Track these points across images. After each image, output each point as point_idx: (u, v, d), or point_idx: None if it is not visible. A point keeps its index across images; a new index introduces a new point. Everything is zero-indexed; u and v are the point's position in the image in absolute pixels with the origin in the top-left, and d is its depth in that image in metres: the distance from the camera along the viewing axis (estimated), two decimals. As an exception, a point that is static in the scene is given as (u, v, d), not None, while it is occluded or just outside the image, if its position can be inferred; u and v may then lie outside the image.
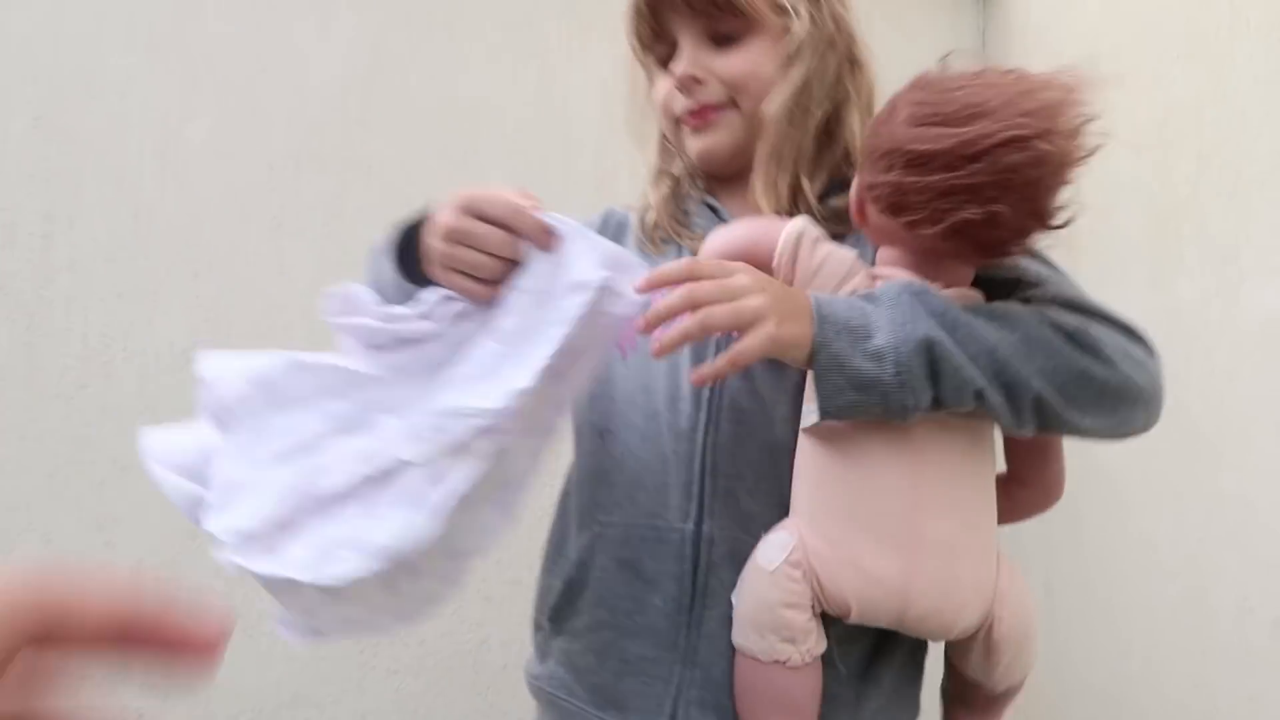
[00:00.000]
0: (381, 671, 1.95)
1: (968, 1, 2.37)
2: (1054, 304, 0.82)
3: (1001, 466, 0.89)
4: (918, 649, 0.89)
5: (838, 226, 0.87)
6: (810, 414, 0.79)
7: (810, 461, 0.81)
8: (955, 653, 0.86)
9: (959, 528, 0.79)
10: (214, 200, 1.96)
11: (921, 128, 0.76)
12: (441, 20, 2.11)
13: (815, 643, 0.80)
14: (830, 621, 0.81)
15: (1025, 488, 0.91)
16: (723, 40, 0.91)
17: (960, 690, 0.88)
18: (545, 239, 0.76)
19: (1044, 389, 0.77)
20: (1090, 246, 1.97)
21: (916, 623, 0.80)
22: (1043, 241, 0.82)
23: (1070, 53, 2.05)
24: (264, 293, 1.96)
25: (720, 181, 0.96)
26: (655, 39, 0.96)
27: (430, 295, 0.82)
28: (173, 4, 1.98)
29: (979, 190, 0.75)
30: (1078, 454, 1.96)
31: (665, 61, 0.95)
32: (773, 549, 0.80)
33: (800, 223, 0.82)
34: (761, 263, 0.80)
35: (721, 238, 0.85)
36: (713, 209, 0.95)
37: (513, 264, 0.78)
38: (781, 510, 0.82)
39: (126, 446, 1.88)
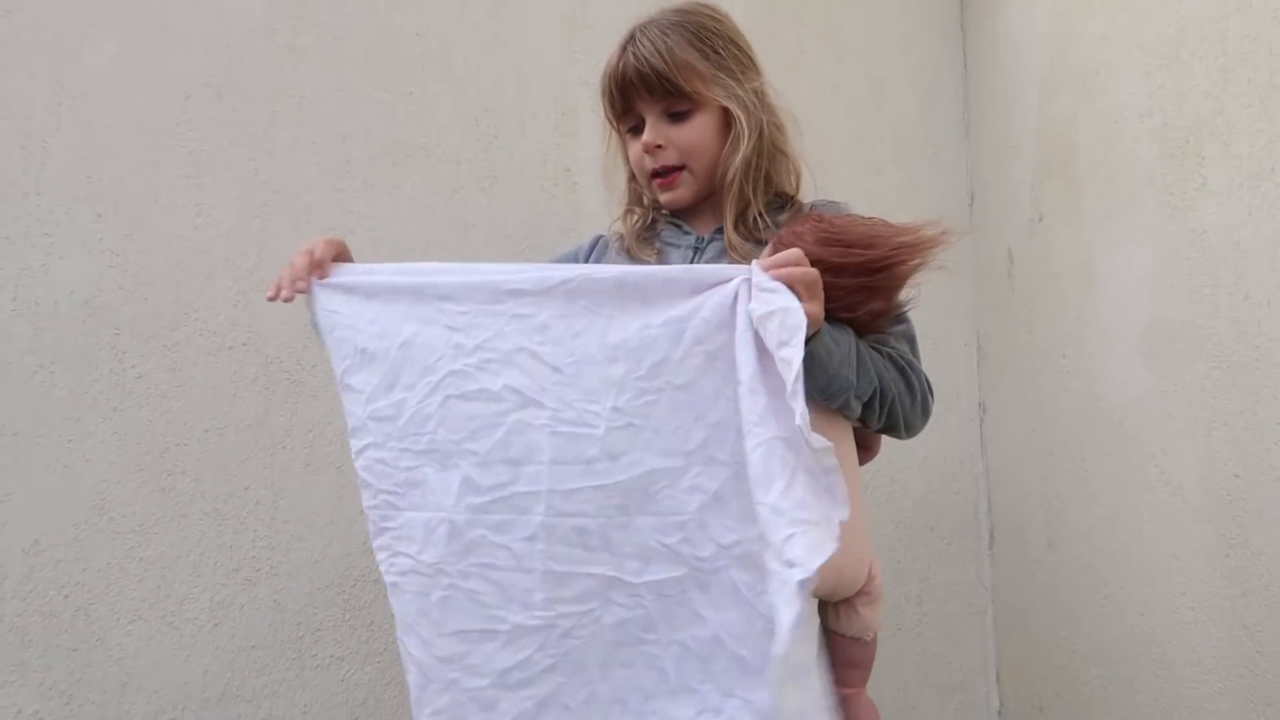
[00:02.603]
0: (324, 659, 1.71)
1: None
2: (899, 353, 1.20)
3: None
4: None
5: (775, 231, 1.22)
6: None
7: None
8: (837, 616, 1.15)
9: (859, 510, 1.07)
10: (120, 132, 1.71)
11: (832, 247, 1.07)
12: (380, -60, 1.89)
13: None
14: None
15: (865, 451, 1.26)
16: (676, 117, 1.25)
17: (844, 655, 1.16)
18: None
19: (895, 397, 1.15)
20: (1094, 180, 1.87)
21: (845, 586, 1.11)
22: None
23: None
24: (180, 236, 1.72)
25: (680, 212, 1.33)
26: (625, 113, 1.27)
27: None
28: (67, -94, 1.72)
29: (879, 291, 1.08)
30: (1083, 397, 1.85)
31: (634, 129, 1.28)
32: None
33: None
34: None
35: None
36: (678, 225, 1.32)
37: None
38: None
39: (19, 409, 1.63)
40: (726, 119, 1.28)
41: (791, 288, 1.00)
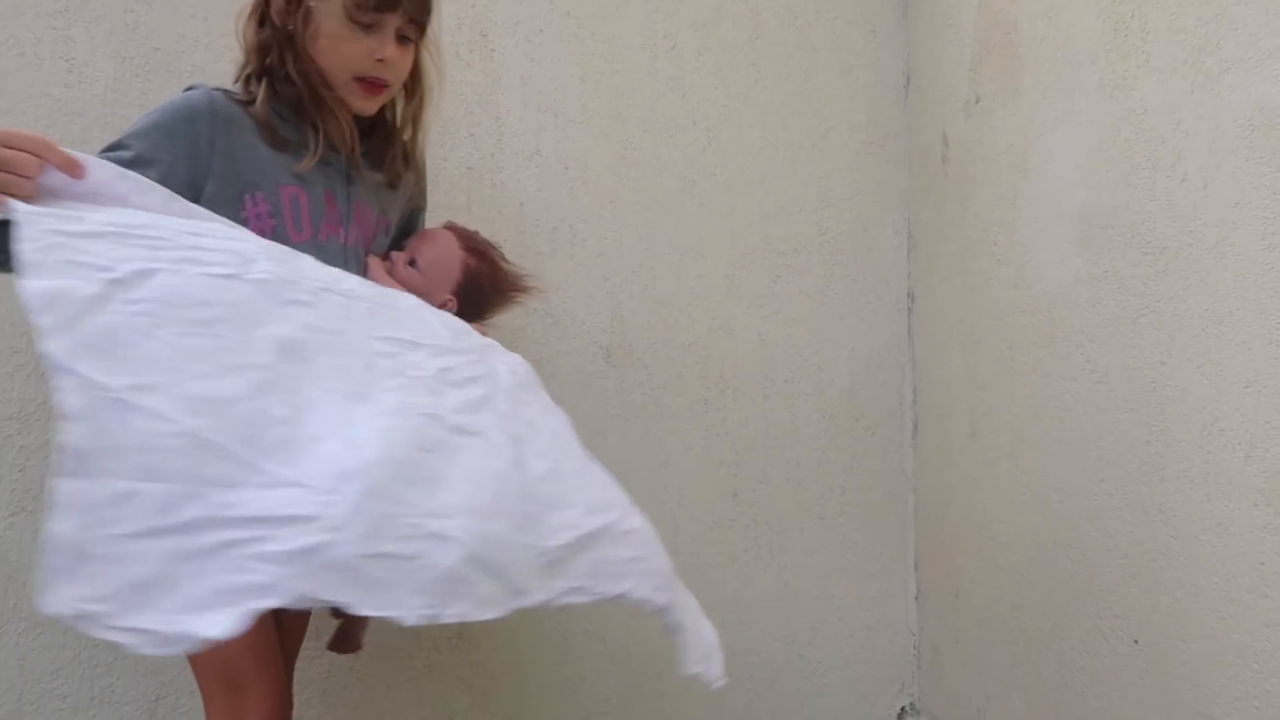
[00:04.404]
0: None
1: None
2: None
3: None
4: None
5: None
6: None
7: None
8: None
9: None
10: (-26, -26, 1.52)
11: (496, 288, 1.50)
12: None
13: None
14: None
15: None
16: (404, 41, 1.30)
17: None
18: (74, 171, 0.99)
19: None
20: (1034, 58, 1.80)
21: None
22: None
23: None
24: (49, 95, 1.56)
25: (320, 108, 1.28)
26: (373, 8, 1.24)
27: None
28: None
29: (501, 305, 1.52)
30: (1012, 286, 1.82)
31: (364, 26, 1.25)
32: None
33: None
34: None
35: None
36: (330, 145, 1.31)
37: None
38: None
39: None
40: (414, 68, 1.35)
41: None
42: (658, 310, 1.95)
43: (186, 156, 1.19)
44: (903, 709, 2.13)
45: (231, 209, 1.21)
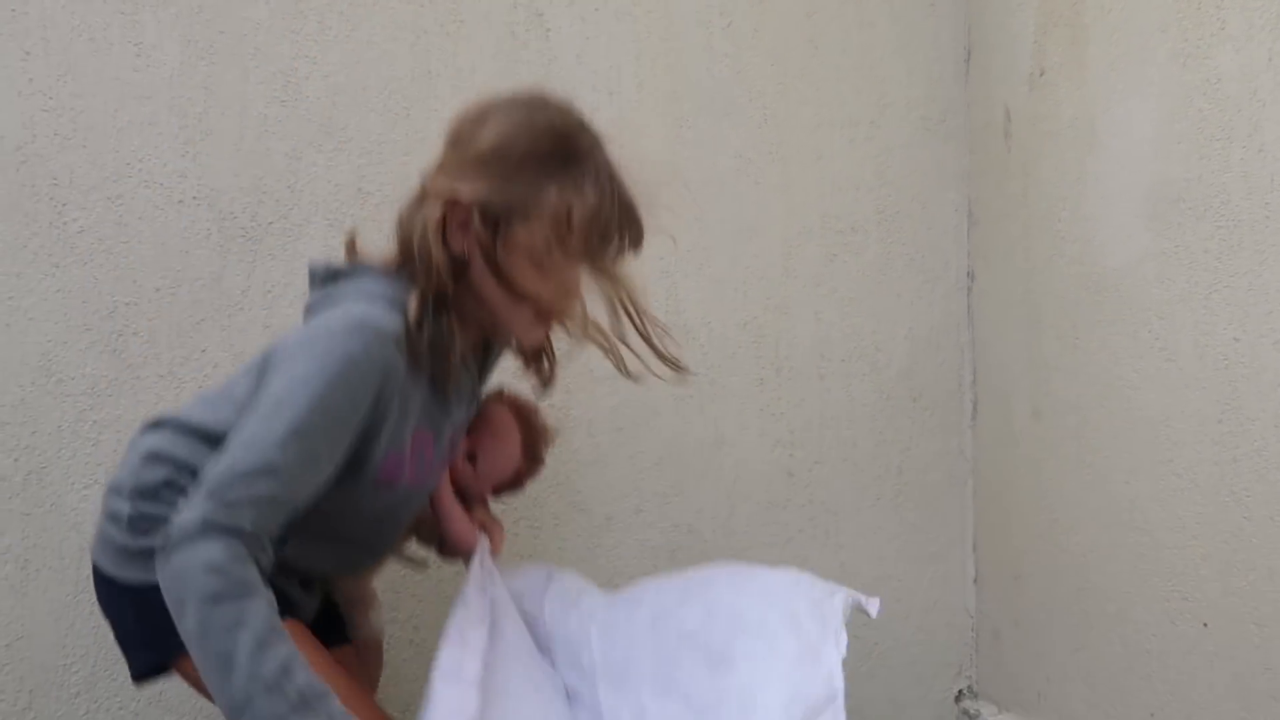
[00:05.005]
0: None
1: None
2: None
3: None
4: None
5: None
6: None
7: None
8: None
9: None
10: (46, -40, 1.55)
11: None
12: None
13: None
14: None
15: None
16: None
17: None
18: None
19: None
20: (1101, 29, 1.75)
21: None
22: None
23: None
24: (118, 78, 1.59)
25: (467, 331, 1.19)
26: (594, 255, 1.14)
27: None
28: None
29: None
30: (1077, 263, 1.78)
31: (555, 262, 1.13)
32: None
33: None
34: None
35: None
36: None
37: None
38: None
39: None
40: None
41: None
42: (713, 289, 1.94)
43: (367, 422, 1.09)
44: (960, 692, 2.11)
45: (384, 459, 1.13)
